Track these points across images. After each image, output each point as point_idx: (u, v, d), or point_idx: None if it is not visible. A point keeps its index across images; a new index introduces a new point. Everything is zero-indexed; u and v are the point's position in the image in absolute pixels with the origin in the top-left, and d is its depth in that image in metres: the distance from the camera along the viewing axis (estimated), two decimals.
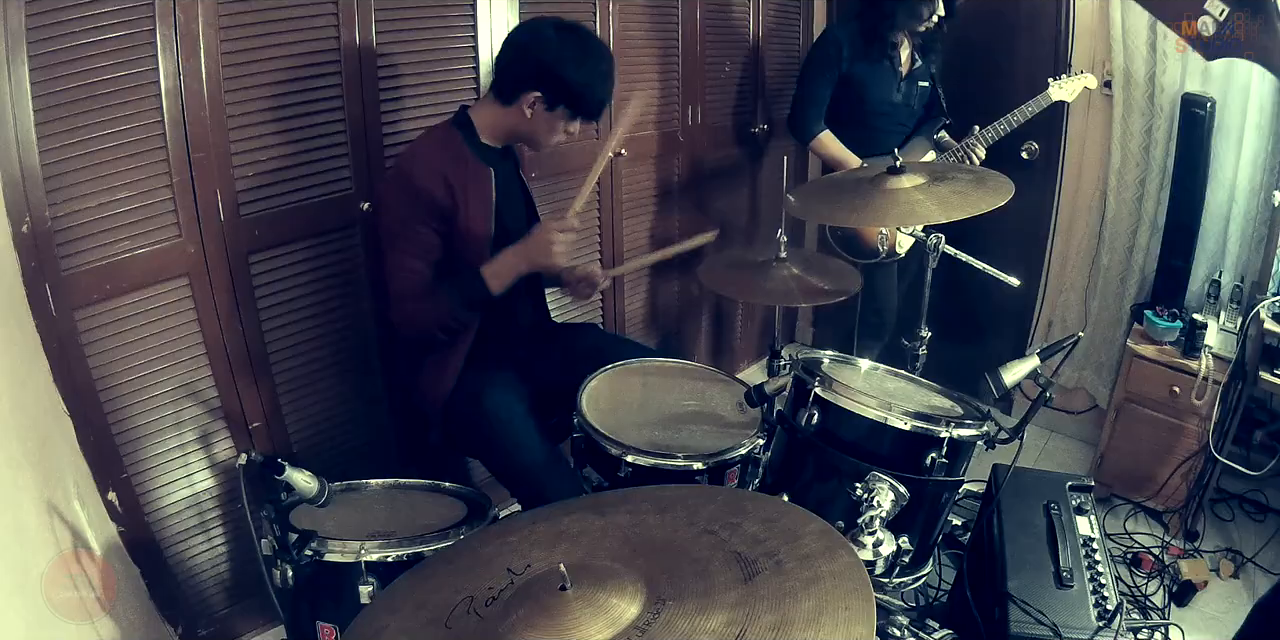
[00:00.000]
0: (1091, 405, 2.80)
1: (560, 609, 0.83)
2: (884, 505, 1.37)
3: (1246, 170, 2.33)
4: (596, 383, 1.78)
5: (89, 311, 1.49)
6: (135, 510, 1.63)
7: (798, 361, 1.57)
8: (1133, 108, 2.42)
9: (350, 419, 1.98)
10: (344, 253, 1.85)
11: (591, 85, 1.62)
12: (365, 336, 1.94)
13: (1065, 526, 1.63)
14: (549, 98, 1.61)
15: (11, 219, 1.34)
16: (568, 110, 1.64)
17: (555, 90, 1.60)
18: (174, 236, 1.57)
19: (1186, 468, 2.28)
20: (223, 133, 1.58)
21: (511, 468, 1.71)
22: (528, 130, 1.68)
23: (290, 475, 1.34)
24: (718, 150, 2.82)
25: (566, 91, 1.61)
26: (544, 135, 1.69)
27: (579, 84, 1.60)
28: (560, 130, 1.68)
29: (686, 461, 1.56)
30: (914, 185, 1.71)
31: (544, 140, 1.71)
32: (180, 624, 1.75)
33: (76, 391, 1.49)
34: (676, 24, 2.49)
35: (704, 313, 3.04)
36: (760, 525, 0.97)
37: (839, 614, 0.81)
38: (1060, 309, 2.79)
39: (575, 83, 1.60)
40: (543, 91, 1.60)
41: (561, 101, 1.62)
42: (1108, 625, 1.40)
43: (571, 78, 1.59)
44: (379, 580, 1.33)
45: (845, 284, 2.05)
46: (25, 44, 1.29)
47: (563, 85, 1.60)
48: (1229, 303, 2.35)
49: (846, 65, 2.40)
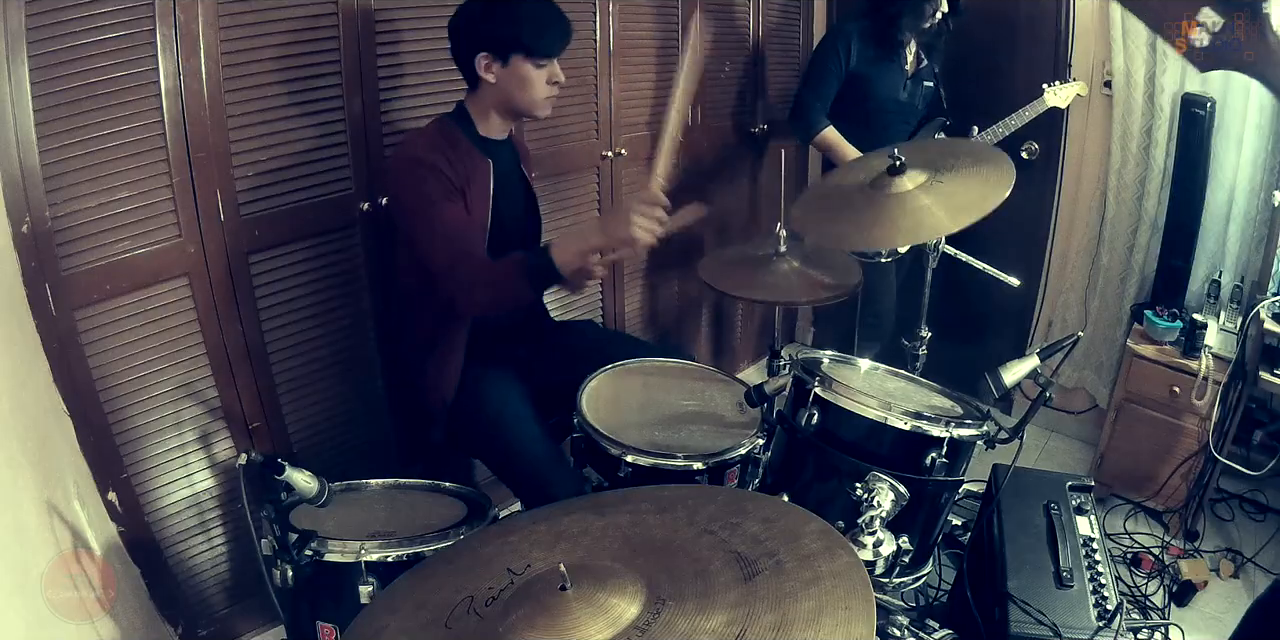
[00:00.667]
0: (1091, 405, 2.80)
1: (560, 609, 0.83)
2: (884, 505, 1.37)
3: (1246, 170, 2.33)
4: (596, 383, 1.78)
5: (89, 311, 1.49)
6: (135, 510, 1.63)
7: (797, 361, 1.57)
8: (1133, 108, 2.42)
9: (350, 419, 1.98)
10: (344, 253, 1.85)
11: (524, 20, 1.55)
12: (365, 336, 1.95)
13: (1065, 526, 1.63)
14: (495, 52, 1.56)
15: (11, 219, 1.34)
16: (519, 54, 1.57)
17: (494, 42, 1.55)
18: (174, 236, 1.57)
19: (1186, 468, 2.28)
20: (223, 133, 1.58)
21: (513, 466, 1.70)
22: (506, 97, 1.62)
23: (290, 475, 1.34)
24: (718, 150, 2.82)
25: (504, 37, 1.55)
26: (522, 93, 1.61)
27: (511, 24, 1.54)
28: (536, 81, 1.60)
29: (686, 461, 1.56)
30: (916, 185, 1.70)
31: (527, 98, 1.62)
32: (180, 624, 1.75)
33: (76, 391, 1.49)
34: (676, 24, 2.49)
35: (704, 312, 3.04)
36: (760, 525, 0.97)
37: (839, 614, 0.81)
38: (1060, 309, 2.79)
39: (507, 24, 1.54)
40: (486, 49, 1.56)
41: (509, 49, 1.56)
42: (1108, 625, 1.40)
43: (502, 22, 1.54)
44: (379, 580, 1.33)
45: (846, 278, 2.04)
46: (25, 44, 1.29)
47: (498, 32, 1.55)
48: (1229, 303, 2.36)
49: (854, 61, 2.40)
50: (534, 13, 1.57)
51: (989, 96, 2.59)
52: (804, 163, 3.22)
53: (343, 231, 1.83)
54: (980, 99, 2.60)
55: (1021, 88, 2.44)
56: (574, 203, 2.35)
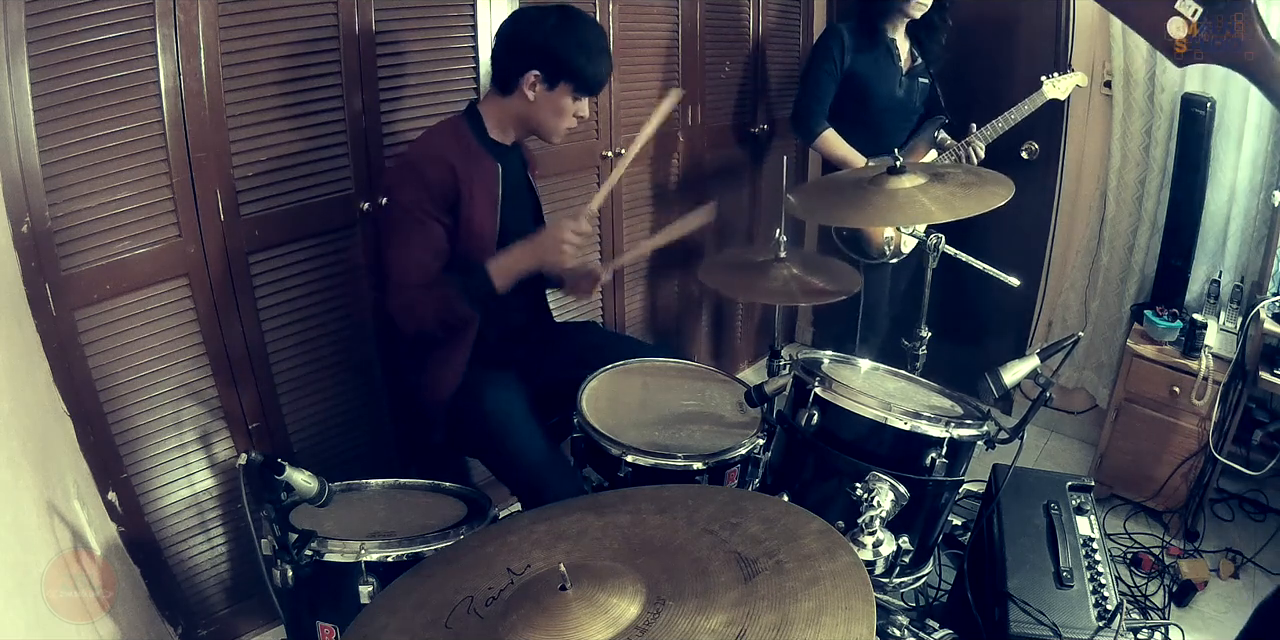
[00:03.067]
0: (1091, 405, 2.80)
1: (560, 609, 0.83)
2: (884, 505, 1.37)
3: (1246, 170, 2.33)
4: (596, 383, 1.78)
5: (89, 311, 1.49)
6: (135, 510, 1.63)
7: (797, 361, 1.57)
8: (1133, 108, 2.42)
9: (350, 419, 1.98)
10: (344, 253, 1.84)
11: (588, 56, 1.60)
12: (365, 336, 1.94)
13: (1065, 526, 1.63)
14: (548, 75, 1.60)
15: (11, 219, 1.34)
16: (569, 85, 1.62)
17: (553, 66, 1.59)
18: (174, 236, 1.57)
19: (1186, 468, 2.28)
20: (223, 133, 1.58)
21: (513, 466, 1.70)
22: (534, 116, 1.66)
23: (290, 475, 1.34)
24: (718, 150, 2.82)
25: (564, 65, 1.59)
26: (551, 119, 1.67)
27: (576, 56, 1.59)
28: (567, 112, 1.66)
29: (686, 461, 1.56)
30: (914, 185, 1.72)
31: (552, 125, 1.68)
32: (180, 624, 1.75)
33: (76, 391, 1.49)
34: (676, 24, 2.49)
35: (704, 313, 3.04)
36: (760, 525, 0.97)
37: (839, 614, 0.81)
38: (1060, 309, 2.79)
39: (572, 55, 1.58)
40: (540, 69, 1.59)
41: (561, 76, 1.61)
42: (1108, 625, 1.40)
43: (567, 50, 1.58)
44: (379, 580, 1.33)
45: (845, 283, 2.05)
46: (25, 44, 1.29)
47: (559, 59, 1.58)
48: (1229, 303, 2.36)
49: (849, 60, 2.41)
50: (599, 50, 1.63)
51: (989, 96, 2.59)
52: (804, 163, 3.22)
53: (343, 231, 1.83)
54: (980, 98, 2.60)
55: (1021, 88, 2.43)
56: (574, 202, 2.35)
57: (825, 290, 2.00)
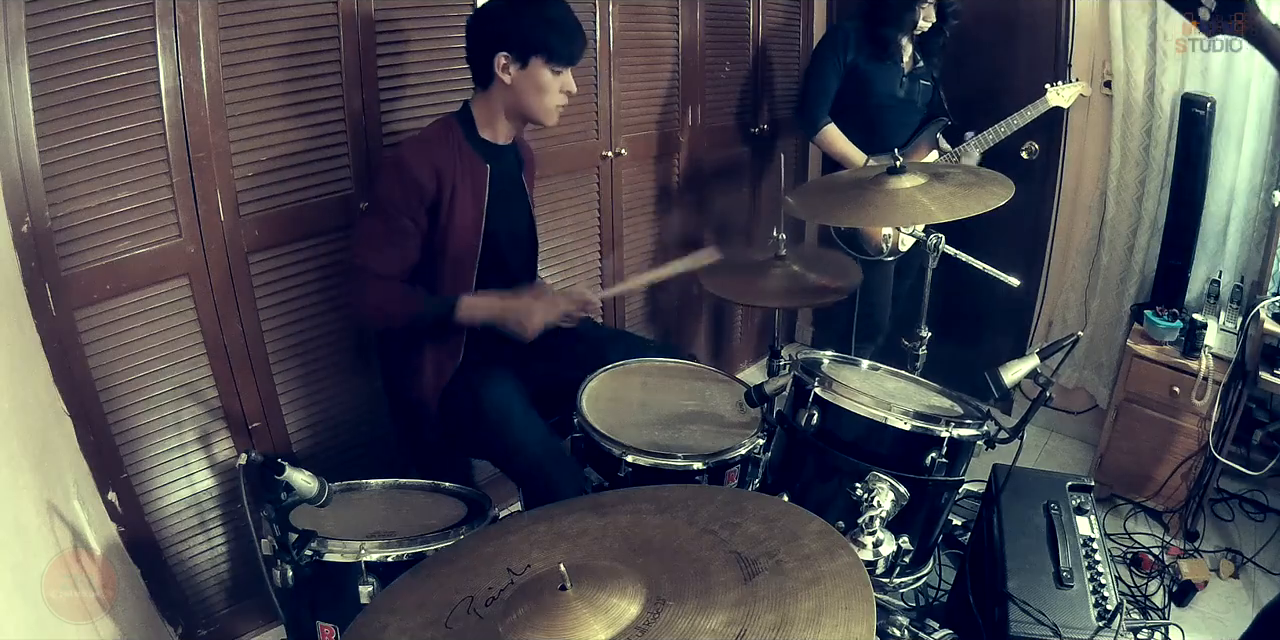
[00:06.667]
0: (1091, 405, 2.80)
1: (560, 609, 0.83)
2: (884, 505, 1.37)
3: (1246, 170, 2.33)
4: (596, 383, 1.78)
5: (89, 311, 1.49)
6: (135, 510, 1.63)
7: (797, 361, 1.57)
8: (1133, 108, 2.42)
9: (350, 419, 1.98)
10: (344, 253, 1.84)
11: (549, 24, 1.58)
12: (365, 336, 1.94)
13: (1065, 526, 1.63)
14: (516, 53, 1.58)
15: (11, 219, 1.34)
16: (541, 57, 1.59)
17: (518, 42, 1.57)
18: (174, 236, 1.57)
19: (1186, 468, 2.28)
20: (223, 133, 1.58)
21: (515, 458, 1.69)
22: (519, 100, 1.64)
23: (290, 475, 1.34)
24: (718, 150, 2.82)
25: (528, 39, 1.57)
26: (536, 98, 1.63)
27: (538, 26, 1.57)
28: (551, 88, 1.63)
29: (686, 461, 1.56)
30: (914, 185, 1.71)
31: (539, 104, 1.64)
32: (180, 624, 1.75)
33: (76, 391, 1.49)
34: (676, 24, 2.49)
35: (704, 313, 3.04)
36: (760, 525, 0.97)
37: (839, 614, 0.81)
38: (1060, 309, 2.79)
39: (534, 26, 1.56)
40: (507, 49, 1.58)
41: (530, 51, 1.58)
42: (1108, 625, 1.40)
43: (528, 23, 1.56)
44: (379, 580, 1.33)
45: (845, 281, 2.05)
46: (25, 44, 1.29)
47: (522, 34, 1.57)
48: (1229, 303, 2.36)
49: (853, 57, 2.43)
50: (561, 18, 1.60)
51: (989, 97, 2.60)
52: (804, 163, 3.22)
53: (343, 231, 1.83)
54: (981, 100, 2.61)
55: (1022, 88, 2.44)
56: (574, 202, 2.35)
57: (826, 289, 2.00)
